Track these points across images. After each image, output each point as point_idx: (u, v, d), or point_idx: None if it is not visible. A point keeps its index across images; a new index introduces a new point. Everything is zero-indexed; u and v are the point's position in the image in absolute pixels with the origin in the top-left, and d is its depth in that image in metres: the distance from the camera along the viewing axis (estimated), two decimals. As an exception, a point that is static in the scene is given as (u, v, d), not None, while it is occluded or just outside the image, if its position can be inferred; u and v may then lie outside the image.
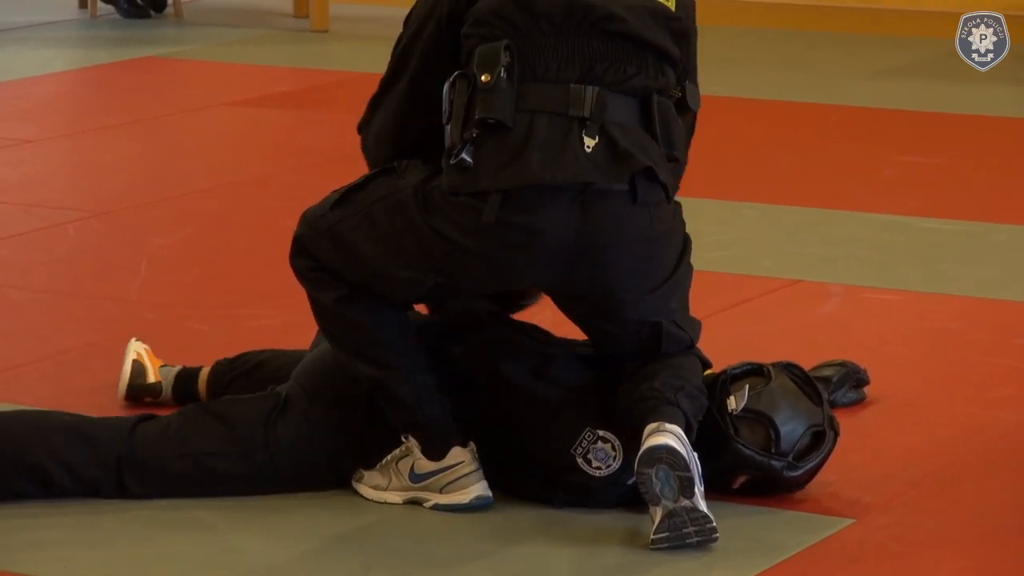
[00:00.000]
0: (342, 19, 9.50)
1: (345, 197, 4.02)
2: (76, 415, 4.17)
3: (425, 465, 3.96)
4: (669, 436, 3.77)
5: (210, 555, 3.82)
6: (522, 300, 4.26)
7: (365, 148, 4.15)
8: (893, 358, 4.98)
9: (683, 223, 4.06)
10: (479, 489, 3.95)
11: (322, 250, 4.01)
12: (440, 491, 3.96)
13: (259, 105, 7.90)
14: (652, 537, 3.80)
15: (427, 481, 3.97)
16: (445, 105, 3.91)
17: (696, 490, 3.78)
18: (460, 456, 3.95)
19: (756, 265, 5.63)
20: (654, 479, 3.76)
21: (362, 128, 4.14)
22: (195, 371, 4.52)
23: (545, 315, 4.20)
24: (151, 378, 4.53)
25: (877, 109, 7.85)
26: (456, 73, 3.90)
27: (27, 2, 10.15)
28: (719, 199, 5.92)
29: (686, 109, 4.04)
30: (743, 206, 6.23)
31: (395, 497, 3.99)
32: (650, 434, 3.79)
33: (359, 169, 6.43)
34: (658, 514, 3.79)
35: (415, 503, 3.98)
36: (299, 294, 5.13)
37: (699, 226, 5.04)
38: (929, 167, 6.93)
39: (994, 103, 7.93)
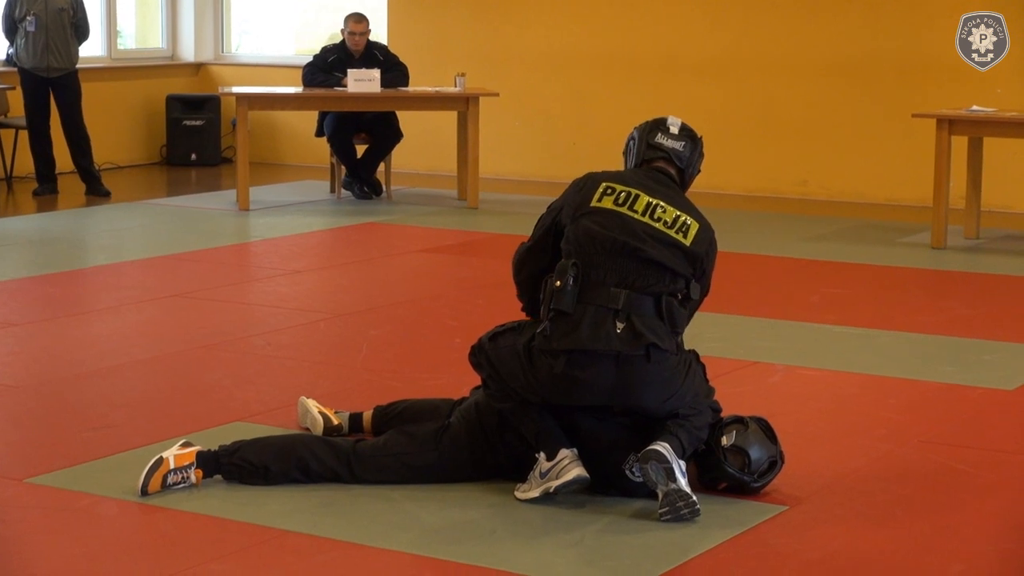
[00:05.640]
0: (486, 201, 9.51)
1: (495, 336, 4.05)
2: (321, 436, 4.22)
3: (546, 465, 3.89)
4: (659, 446, 3.79)
5: (393, 519, 3.85)
6: None
7: (514, 264, 4.13)
8: (814, 411, 4.94)
9: (685, 360, 3.97)
10: (577, 470, 3.86)
11: (483, 359, 4.03)
12: (557, 477, 3.87)
13: (435, 252, 7.91)
14: (659, 511, 3.80)
15: (548, 474, 3.88)
16: (543, 292, 3.94)
17: (678, 477, 3.75)
18: (565, 454, 3.89)
19: (732, 352, 5.58)
20: (650, 471, 3.77)
21: (516, 254, 4.13)
22: (360, 414, 4.45)
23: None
24: (335, 421, 4.40)
25: (808, 260, 7.75)
26: (548, 275, 3.93)
27: (300, 189, 10.25)
28: (715, 313, 5.85)
29: (689, 298, 3.99)
30: (727, 317, 6.19)
31: (535, 492, 3.90)
32: (650, 446, 3.81)
33: (495, 291, 6.49)
34: (660, 496, 3.79)
35: (546, 492, 3.87)
36: (454, 367, 5.20)
37: (702, 330, 5.09)
38: (840, 296, 6.84)
39: (879, 256, 7.81)
